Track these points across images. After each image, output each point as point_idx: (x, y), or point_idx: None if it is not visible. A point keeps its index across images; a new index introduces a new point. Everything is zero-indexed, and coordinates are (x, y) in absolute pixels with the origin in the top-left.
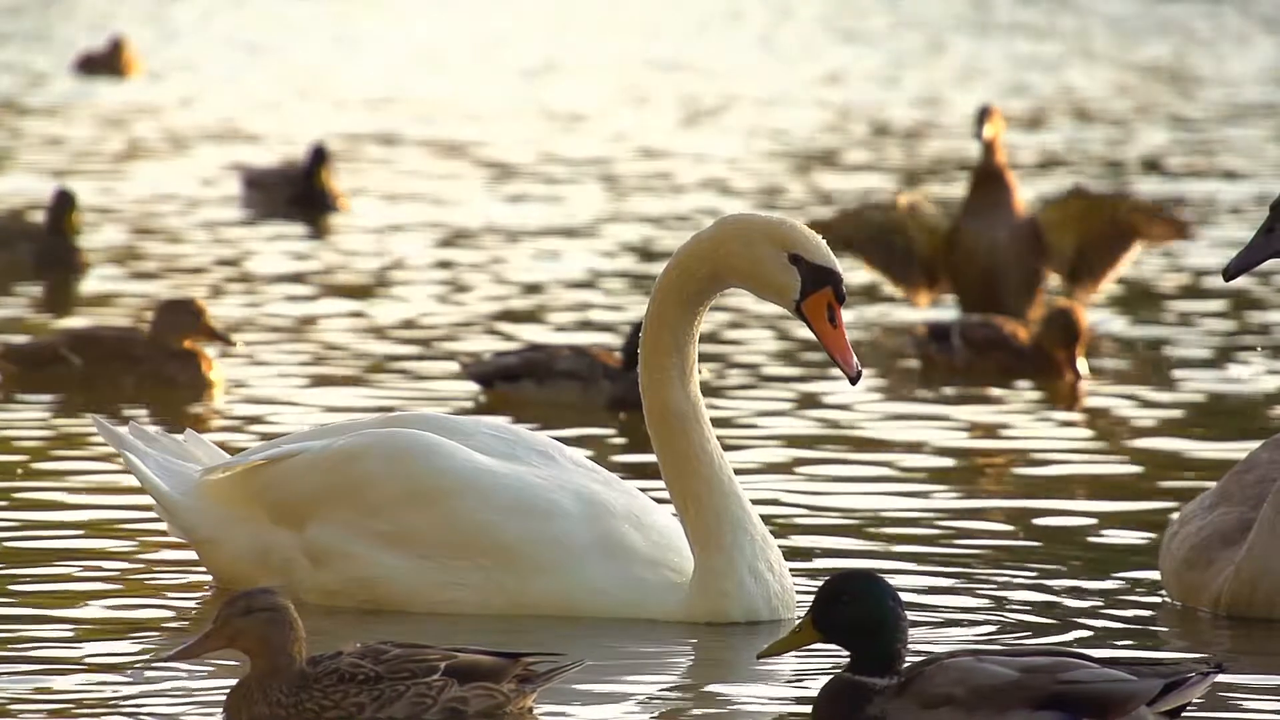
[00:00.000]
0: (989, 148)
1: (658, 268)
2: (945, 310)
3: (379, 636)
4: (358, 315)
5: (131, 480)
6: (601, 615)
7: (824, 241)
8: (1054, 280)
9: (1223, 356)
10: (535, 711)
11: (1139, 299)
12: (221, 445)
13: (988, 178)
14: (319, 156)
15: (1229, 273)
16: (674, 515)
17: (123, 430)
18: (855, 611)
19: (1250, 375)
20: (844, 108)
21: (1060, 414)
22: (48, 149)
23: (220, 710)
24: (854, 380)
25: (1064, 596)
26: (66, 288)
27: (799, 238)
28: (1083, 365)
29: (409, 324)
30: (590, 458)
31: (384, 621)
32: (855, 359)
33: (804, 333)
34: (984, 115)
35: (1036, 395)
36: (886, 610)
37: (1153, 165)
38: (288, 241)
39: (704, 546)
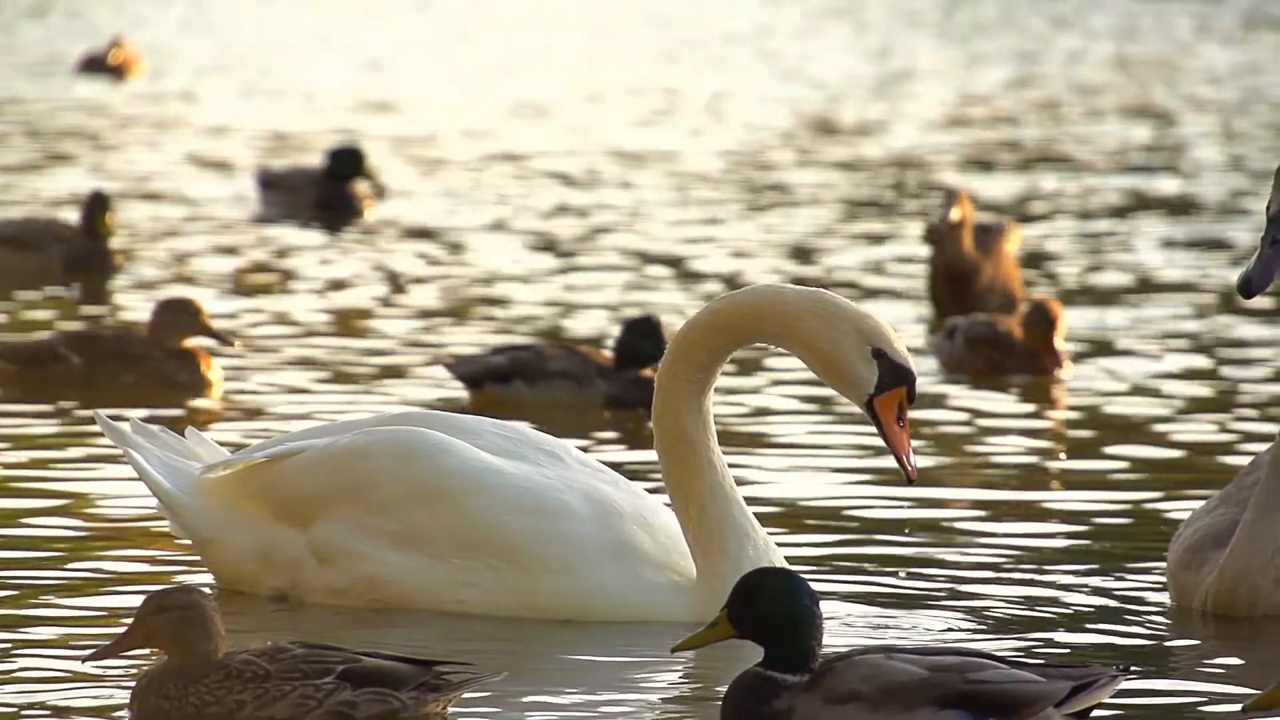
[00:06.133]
0: (954, 231)
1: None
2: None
3: (381, 636)
4: (358, 315)
5: (132, 480)
6: (609, 616)
7: (904, 343)
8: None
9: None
10: None
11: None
12: (222, 444)
13: (957, 276)
14: (351, 158)
15: (1249, 290)
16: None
17: (125, 427)
18: (771, 609)
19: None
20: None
21: (1046, 410)
22: (49, 150)
23: None
24: (910, 480)
25: (1049, 600)
26: (98, 289)
27: (887, 335)
28: (1062, 348)
29: (410, 325)
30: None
31: (390, 621)
32: (914, 459)
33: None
34: (951, 198)
35: (1022, 389)
36: (802, 608)
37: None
38: (294, 241)
39: (707, 551)
